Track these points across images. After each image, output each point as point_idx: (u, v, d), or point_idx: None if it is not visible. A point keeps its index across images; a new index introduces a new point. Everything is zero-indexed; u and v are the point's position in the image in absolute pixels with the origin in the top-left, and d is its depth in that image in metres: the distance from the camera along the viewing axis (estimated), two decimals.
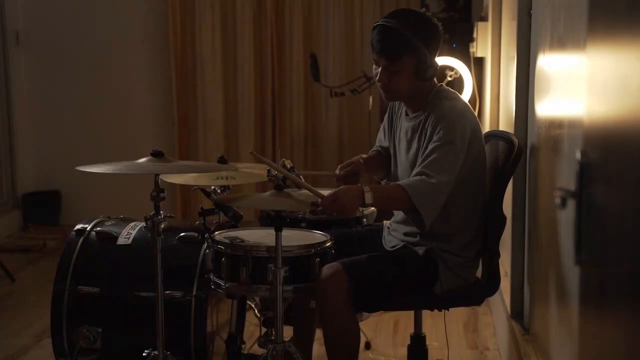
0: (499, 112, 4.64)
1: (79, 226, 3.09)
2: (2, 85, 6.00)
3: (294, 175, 2.77)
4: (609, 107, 1.54)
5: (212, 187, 3.15)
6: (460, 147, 2.60)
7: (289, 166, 3.05)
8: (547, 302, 2.65)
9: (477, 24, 5.20)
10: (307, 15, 5.92)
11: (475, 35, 5.17)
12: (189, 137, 6.09)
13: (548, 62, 2.71)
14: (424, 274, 2.69)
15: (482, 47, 5.11)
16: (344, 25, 5.91)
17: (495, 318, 4.03)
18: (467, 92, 5.12)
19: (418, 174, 2.59)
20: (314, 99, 6.00)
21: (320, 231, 2.88)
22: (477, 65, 5.41)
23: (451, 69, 5.15)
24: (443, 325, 3.26)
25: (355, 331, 2.68)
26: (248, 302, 3.40)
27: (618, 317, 1.45)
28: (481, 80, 5.44)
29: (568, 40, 2.26)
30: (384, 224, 2.99)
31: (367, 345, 3.74)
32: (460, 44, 5.57)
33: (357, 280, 2.61)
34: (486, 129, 4.33)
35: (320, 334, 2.79)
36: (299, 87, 5.97)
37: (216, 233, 2.83)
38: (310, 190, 2.63)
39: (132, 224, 3.12)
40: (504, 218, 2.79)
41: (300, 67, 5.91)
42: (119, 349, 2.94)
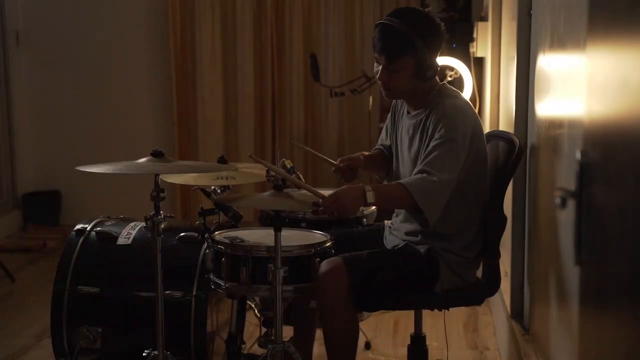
0: (499, 112, 4.64)
1: (79, 226, 3.09)
2: (2, 85, 5.99)
3: (293, 177, 2.77)
4: (609, 107, 1.54)
5: (212, 187, 3.15)
6: (461, 145, 2.59)
7: (289, 166, 3.05)
8: (547, 302, 2.65)
9: (477, 24, 5.20)
10: (307, 15, 5.92)
11: (475, 35, 5.18)
12: (189, 137, 6.09)
13: (548, 62, 2.71)
14: (424, 272, 2.69)
15: (482, 47, 5.12)
16: (344, 25, 5.90)
17: (495, 318, 4.02)
18: (467, 92, 5.11)
19: (419, 172, 2.58)
20: (314, 99, 5.99)
21: (320, 231, 2.88)
22: (477, 65, 5.41)
23: (451, 69, 5.15)
24: (443, 325, 3.26)
25: (354, 326, 2.68)
26: (248, 302, 3.39)
27: (618, 317, 1.45)
28: (481, 80, 5.44)
29: (568, 40, 2.26)
30: (384, 223, 2.99)
31: (367, 345, 3.74)
32: (460, 44, 5.57)
33: (357, 275, 2.60)
34: (486, 129, 4.32)
35: (320, 334, 2.78)
36: (299, 87, 5.96)
37: (216, 233, 2.83)
38: (310, 190, 2.62)
39: (132, 224, 3.12)
40: (504, 218, 2.78)
41: (300, 67, 5.91)
42: (119, 349, 2.94)
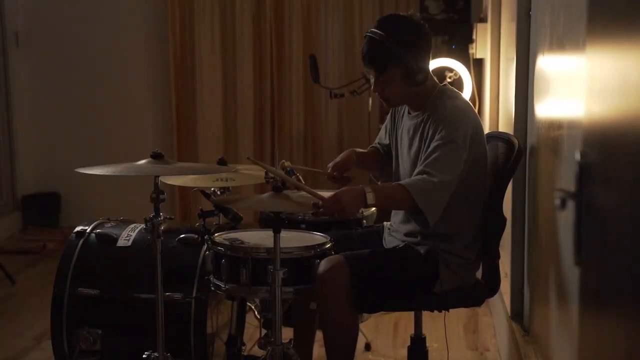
0: (498, 113, 4.64)
1: (78, 228, 3.09)
2: (2, 86, 5.99)
3: (292, 179, 2.77)
4: (608, 108, 1.54)
5: (212, 189, 3.15)
6: (462, 145, 2.59)
7: (289, 167, 3.04)
8: (547, 302, 2.65)
9: (476, 25, 5.20)
10: (307, 15, 5.92)
11: (474, 37, 5.18)
12: (188, 138, 6.09)
13: (547, 63, 2.71)
14: (424, 273, 2.69)
15: (481, 48, 5.12)
16: (343, 26, 5.91)
17: (495, 319, 4.02)
18: (467, 93, 5.11)
19: (420, 173, 2.58)
20: (314, 101, 5.99)
21: (320, 233, 2.88)
22: (477, 67, 5.41)
23: (451, 70, 5.15)
24: (443, 327, 3.26)
25: (354, 324, 2.68)
26: (248, 303, 3.39)
27: (618, 318, 1.45)
28: (481, 81, 5.44)
29: (567, 41, 2.26)
30: (384, 224, 2.99)
31: (367, 347, 3.74)
32: (460, 45, 5.57)
33: (358, 273, 2.60)
34: (486, 130, 4.29)
35: (320, 335, 2.78)
36: (298, 88, 5.96)
37: (216, 235, 2.83)
38: (310, 192, 2.62)
39: (132, 225, 3.12)
40: (504, 219, 2.79)
41: (299, 68, 5.91)
42: (119, 350, 2.94)
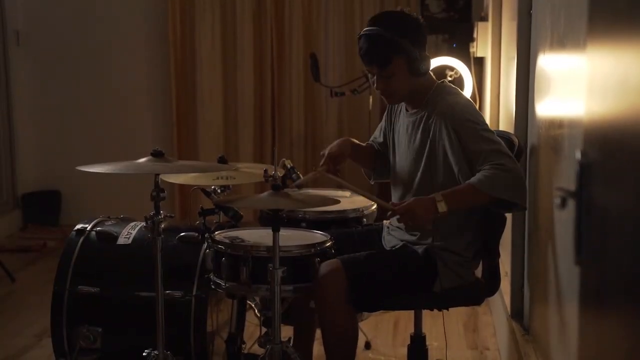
0: (499, 112, 4.64)
1: (79, 226, 3.09)
2: (2, 85, 5.99)
3: (364, 192, 2.85)
4: (608, 107, 1.54)
5: (212, 187, 3.15)
6: (488, 127, 2.66)
7: (289, 166, 3.05)
8: (547, 302, 2.65)
9: (477, 24, 5.20)
10: (307, 15, 5.92)
11: (475, 35, 5.17)
12: (188, 137, 6.09)
13: (548, 62, 2.71)
14: (423, 272, 2.69)
15: (482, 47, 5.11)
16: (344, 25, 5.90)
17: (495, 318, 4.02)
18: (467, 92, 5.11)
19: (484, 170, 2.54)
20: (314, 99, 5.99)
21: (320, 231, 2.88)
22: (477, 65, 5.41)
23: (451, 68, 5.15)
24: (443, 326, 3.26)
25: (353, 327, 2.69)
26: (248, 302, 3.39)
27: (618, 317, 1.45)
28: (481, 80, 5.44)
29: (568, 40, 2.26)
30: (383, 223, 3.00)
31: (367, 345, 3.74)
32: (461, 44, 5.57)
33: (356, 277, 2.61)
34: None
35: (320, 334, 2.78)
36: (298, 87, 5.96)
37: (216, 233, 2.83)
38: (377, 202, 2.83)
39: (132, 223, 3.13)
40: (504, 218, 2.79)
41: (300, 67, 5.91)
42: (119, 348, 2.94)
